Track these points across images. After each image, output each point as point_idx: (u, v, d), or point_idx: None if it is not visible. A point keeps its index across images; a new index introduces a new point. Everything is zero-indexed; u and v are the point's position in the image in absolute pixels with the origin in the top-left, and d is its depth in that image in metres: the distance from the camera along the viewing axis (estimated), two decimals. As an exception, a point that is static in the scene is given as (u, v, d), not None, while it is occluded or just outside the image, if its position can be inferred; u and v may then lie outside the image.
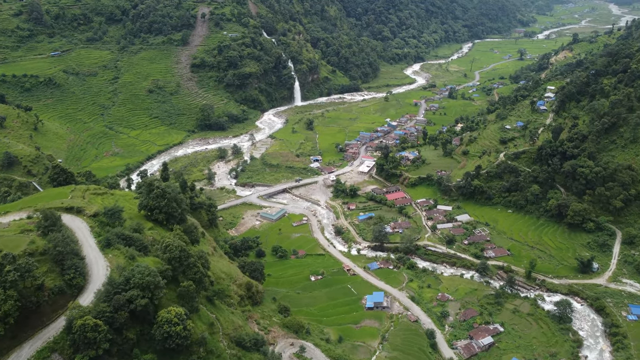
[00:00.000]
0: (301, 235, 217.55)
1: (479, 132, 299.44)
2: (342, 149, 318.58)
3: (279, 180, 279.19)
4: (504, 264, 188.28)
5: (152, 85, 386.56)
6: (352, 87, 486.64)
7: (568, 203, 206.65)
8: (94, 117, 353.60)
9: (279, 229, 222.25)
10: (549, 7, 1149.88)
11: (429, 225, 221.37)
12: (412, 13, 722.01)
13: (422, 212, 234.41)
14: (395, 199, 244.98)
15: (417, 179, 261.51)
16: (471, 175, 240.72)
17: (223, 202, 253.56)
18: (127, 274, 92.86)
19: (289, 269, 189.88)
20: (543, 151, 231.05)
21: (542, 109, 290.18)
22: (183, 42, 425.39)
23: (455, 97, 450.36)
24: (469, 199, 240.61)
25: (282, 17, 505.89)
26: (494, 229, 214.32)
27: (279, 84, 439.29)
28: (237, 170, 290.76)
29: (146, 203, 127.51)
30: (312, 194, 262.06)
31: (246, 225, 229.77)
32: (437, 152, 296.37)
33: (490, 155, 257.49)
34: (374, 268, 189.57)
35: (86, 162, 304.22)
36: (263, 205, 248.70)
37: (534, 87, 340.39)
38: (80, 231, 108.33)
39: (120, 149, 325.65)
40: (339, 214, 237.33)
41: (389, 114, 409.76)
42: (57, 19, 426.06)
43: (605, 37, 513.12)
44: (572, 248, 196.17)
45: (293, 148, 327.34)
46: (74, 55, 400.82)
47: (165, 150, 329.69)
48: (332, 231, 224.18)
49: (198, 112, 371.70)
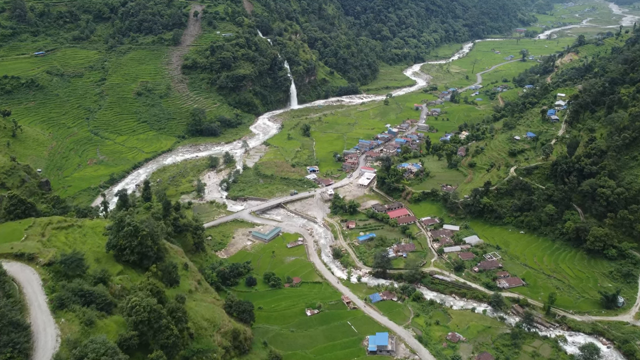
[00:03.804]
0: (296, 259, 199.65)
1: (486, 142, 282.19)
2: (340, 159, 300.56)
3: (273, 193, 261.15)
4: (520, 296, 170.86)
5: (140, 87, 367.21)
6: (351, 89, 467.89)
7: (587, 227, 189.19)
8: (78, 121, 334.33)
9: (272, 251, 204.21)
10: (549, 5, 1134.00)
11: (435, 248, 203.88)
12: (412, 12, 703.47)
13: (427, 232, 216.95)
14: (398, 216, 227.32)
15: (421, 194, 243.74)
16: (480, 192, 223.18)
17: (213, 218, 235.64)
18: (79, 352, 74.57)
19: (282, 300, 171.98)
20: (558, 167, 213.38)
21: (554, 118, 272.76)
22: (174, 41, 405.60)
23: (457, 101, 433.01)
24: (477, 218, 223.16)
25: (278, 16, 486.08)
26: (505, 254, 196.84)
27: (275, 86, 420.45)
28: (228, 181, 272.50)
29: (115, 242, 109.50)
30: (308, 210, 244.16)
31: (237, 246, 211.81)
32: (442, 163, 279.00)
33: (500, 170, 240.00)
34: (376, 300, 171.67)
35: (68, 172, 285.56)
36: (255, 223, 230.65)
37: (543, 94, 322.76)
38: (30, 286, 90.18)
39: (105, 156, 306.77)
40: (338, 234, 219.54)
41: (389, 119, 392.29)
42: (42, 17, 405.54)
43: (612, 40, 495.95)
44: (593, 277, 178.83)
45: (288, 157, 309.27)
46: (59, 55, 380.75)
47: (153, 158, 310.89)
48: (330, 254, 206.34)
49: (189, 116, 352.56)
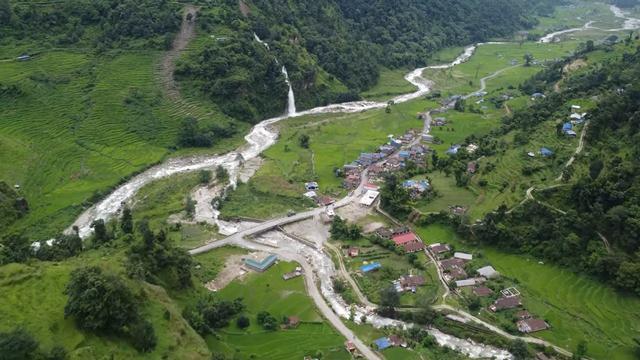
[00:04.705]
0: (294, 294, 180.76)
1: (497, 158, 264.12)
2: (341, 174, 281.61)
3: (269, 213, 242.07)
4: (544, 343, 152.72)
5: (130, 94, 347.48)
6: (351, 95, 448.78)
7: (616, 261, 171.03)
8: (62, 130, 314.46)
9: (267, 284, 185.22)
10: (550, 8, 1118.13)
11: (446, 281, 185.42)
12: (413, 14, 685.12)
13: (437, 261, 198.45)
14: (405, 242, 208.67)
15: (429, 216, 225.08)
16: (494, 217, 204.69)
17: (203, 242, 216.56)
18: None
19: (277, 346, 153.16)
20: (580, 191, 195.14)
21: (570, 133, 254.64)
22: (166, 46, 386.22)
23: (462, 109, 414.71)
24: (491, 245, 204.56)
25: (276, 19, 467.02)
26: (525, 289, 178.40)
27: (272, 93, 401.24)
28: (221, 199, 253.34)
29: (76, 306, 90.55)
30: (306, 233, 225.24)
31: (228, 276, 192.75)
32: (450, 180, 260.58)
33: (515, 191, 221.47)
34: (383, 347, 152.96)
35: (49, 187, 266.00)
36: (249, 249, 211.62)
37: (555, 106, 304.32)
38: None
39: (89, 169, 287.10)
40: (339, 262, 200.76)
41: (391, 129, 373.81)
42: (27, 19, 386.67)
43: (622, 46, 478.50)
44: (625, 320, 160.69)
45: (286, 171, 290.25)
46: (44, 60, 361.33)
47: (142, 172, 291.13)
48: (331, 286, 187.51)
49: (180, 125, 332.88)
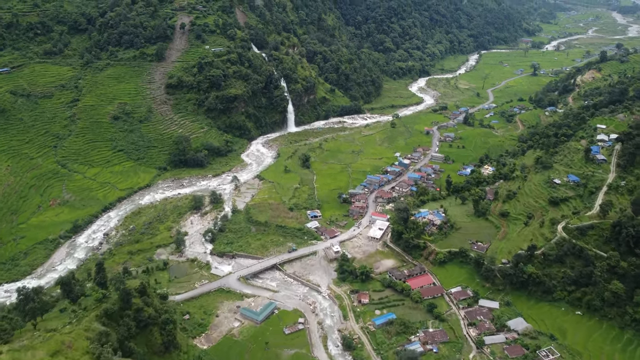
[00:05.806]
0: (296, 353, 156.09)
1: (518, 184, 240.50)
2: (345, 200, 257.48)
3: (267, 248, 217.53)
4: None
5: (117, 110, 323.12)
6: (353, 108, 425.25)
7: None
8: (44, 150, 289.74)
9: (265, 342, 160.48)
10: (552, 14, 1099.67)
11: (472, 337, 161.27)
12: (415, 22, 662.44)
13: (460, 310, 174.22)
14: (421, 286, 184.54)
15: (447, 254, 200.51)
16: (523, 259, 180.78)
17: (193, 285, 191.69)
18: None
19: None
20: (622, 231, 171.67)
21: (600, 158, 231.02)
22: (158, 57, 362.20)
23: (472, 123, 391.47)
24: (519, 290, 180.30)
25: (275, 28, 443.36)
26: (564, 348, 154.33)
27: (270, 107, 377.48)
28: (214, 230, 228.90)
29: None
30: (310, 273, 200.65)
31: (221, 329, 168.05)
32: (466, 208, 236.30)
33: (544, 226, 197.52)
34: None
35: (24, 216, 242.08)
36: (245, 293, 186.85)
37: (578, 125, 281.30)
38: None
39: (71, 194, 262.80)
40: (347, 311, 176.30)
41: (397, 146, 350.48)
42: (10, 28, 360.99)
43: (637, 56, 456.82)
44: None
45: (285, 196, 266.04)
46: (26, 72, 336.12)
47: (128, 197, 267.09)
48: (339, 342, 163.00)
49: (172, 144, 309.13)
